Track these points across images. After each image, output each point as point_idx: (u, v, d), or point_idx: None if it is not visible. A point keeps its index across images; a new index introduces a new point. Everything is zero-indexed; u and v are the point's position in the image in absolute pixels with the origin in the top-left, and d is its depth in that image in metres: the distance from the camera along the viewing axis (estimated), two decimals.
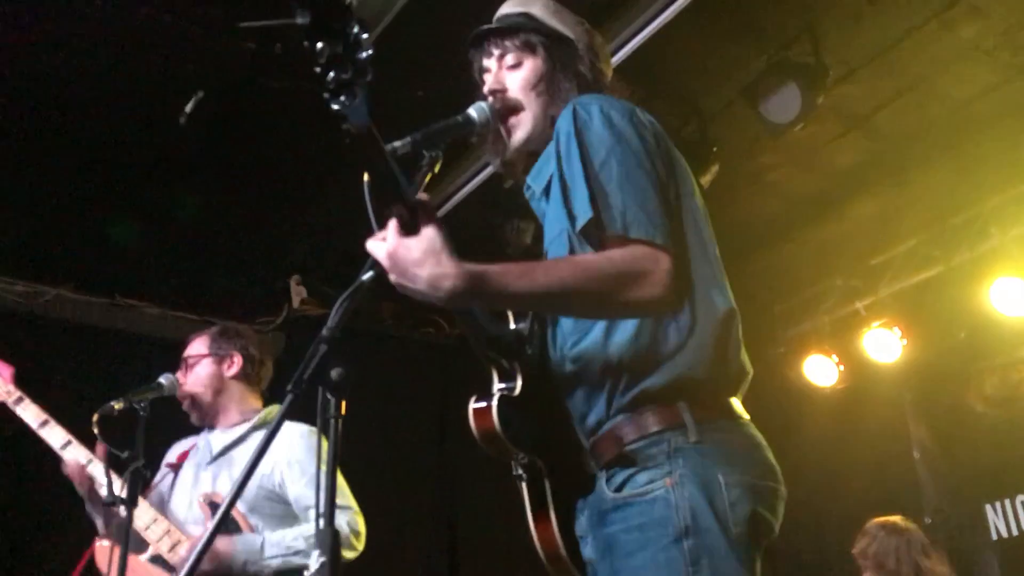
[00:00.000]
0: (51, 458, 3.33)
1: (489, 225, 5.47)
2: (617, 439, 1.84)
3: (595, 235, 1.81)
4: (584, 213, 1.82)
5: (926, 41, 4.57)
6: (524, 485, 1.94)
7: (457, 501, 6.63)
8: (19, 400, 3.35)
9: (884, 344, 6.12)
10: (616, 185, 1.82)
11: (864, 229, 6.05)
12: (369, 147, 1.54)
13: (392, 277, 1.65)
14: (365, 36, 1.44)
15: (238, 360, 3.54)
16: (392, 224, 1.65)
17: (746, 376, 1.94)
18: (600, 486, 1.87)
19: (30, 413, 3.33)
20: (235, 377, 3.53)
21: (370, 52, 1.45)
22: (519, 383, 1.94)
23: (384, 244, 1.64)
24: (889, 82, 4.90)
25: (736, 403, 1.91)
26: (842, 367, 6.43)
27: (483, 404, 1.90)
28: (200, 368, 3.50)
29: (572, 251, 1.90)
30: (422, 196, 1.69)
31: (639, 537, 1.76)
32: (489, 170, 4.93)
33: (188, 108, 4.45)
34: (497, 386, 1.97)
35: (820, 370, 6.50)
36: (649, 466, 1.79)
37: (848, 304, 6.38)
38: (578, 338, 1.92)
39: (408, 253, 1.62)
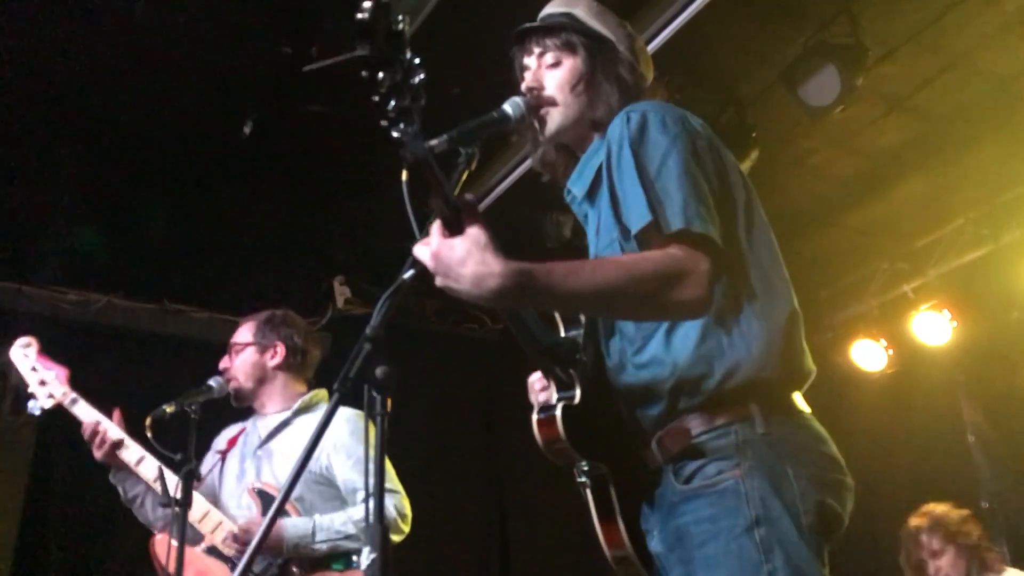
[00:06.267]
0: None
1: (528, 219, 5.49)
2: (684, 432, 1.86)
3: (653, 238, 1.80)
4: (642, 216, 1.80)
5: (968, 16, 4.48)
6: (589, 491, 1.94)
7: (506, 495, 6.65)
8: (74, 401, 3.43)
9: (934, 327, 6.02)
10: (675, 184, 1.81)
11: (910, 210, 5.95)
12: (426, 173, 1.55)
13: (437, 279, 1.62)
14: (418, 62, 1.46)
15: (281, 350, 3.56)
16: (436, 225, 1.64)
17: (811, 375, 1.95)
18: (667, 479, 1.88)
19: (85, 413, 3.41)
20: (278, 367, 3.55)
21: (423, 77, 1.47)
22: (578, 391, 1.93)
23: (428, 246, 1.63)
24: (931, 60, 4.80)
25: (799, 398, 1.92)
26: (891, 351, 6.34)
27: (546, 414, 1.89)
28: (244, 356, 3.54)
29: None
30: (467, 196, 1.67)
31: (710, 528, 1.77)
32: (527, 164, 4.93)
33: (247, 129, 4.56)
34: (556, 395, 1.96)
35: (869, 355, 6.42)
36: (718, 457, 1.81)
37: (896, 287, 6.29)
38: (641, 345, 1.93)
39: (451, 252, 1.59)
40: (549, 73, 2.12)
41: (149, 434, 3.14)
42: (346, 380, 1.49)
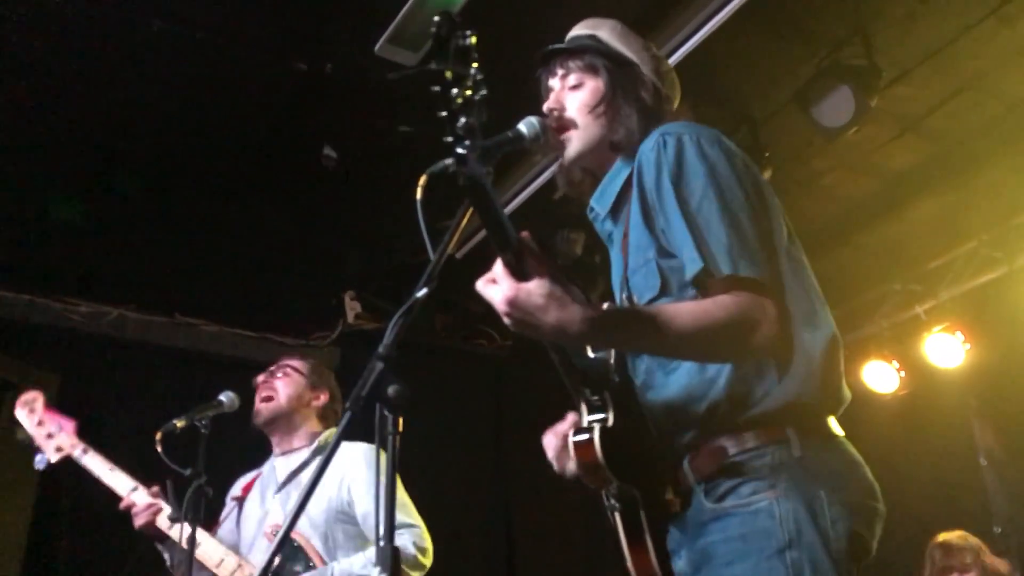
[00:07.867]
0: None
1: (540, 236, 5.49)
2: (718, 452, 1.85)
3: (704, 281, 1.82)
4: (694, 262, 1.82)
5: (982, 38, 4.47)
6: (617, 515, 1.93)
7: (514, 509, 6.63)
8: (84, 451, 3.45)
9: (946, 349, 5.98)
10: (718, 223, 1.82)
11: (923, 232, 5.92)
12: (480, 193, 1.55)
13: (509, 321, 1.65)
14: (482, 78, 1.47)
15: (325, 397, 3.67)
16: (500, 267, 1.65)
17: (846, 401, 1.95)
18: (697, 499, 1.87)
19: (96, 463, 3.42)
20: (316, 408, 3.64)
21: (486, 93, 1.47)
22: (611, 413, 1.92)
23: (499, 288, 1.64)
24: (945, 82, 4.79)
25: (834, 422, 1.92)
26: (903, 373, 6.29)
27: (584, 437, 1.87)
28: (294, 381, 3.62)
29: (664, 282, 1.92)
30: (525, 235, 1.70)
31: (740, 547, 1.77)
32: (539, 182, 4.93)
33: (330, 152, 4.62)
34: (589, 418, 1.95)
35: (880, 376, 6.38)
36: (753, 478, 1.80)
37: (908, 308, 6.26)
38: (674, 366, 1.93)
39: (530, 299, 1.62)
40: (571, 95, 2.13)
41: (159, 449, 3.14)
42: (358, 399, 1.48)
